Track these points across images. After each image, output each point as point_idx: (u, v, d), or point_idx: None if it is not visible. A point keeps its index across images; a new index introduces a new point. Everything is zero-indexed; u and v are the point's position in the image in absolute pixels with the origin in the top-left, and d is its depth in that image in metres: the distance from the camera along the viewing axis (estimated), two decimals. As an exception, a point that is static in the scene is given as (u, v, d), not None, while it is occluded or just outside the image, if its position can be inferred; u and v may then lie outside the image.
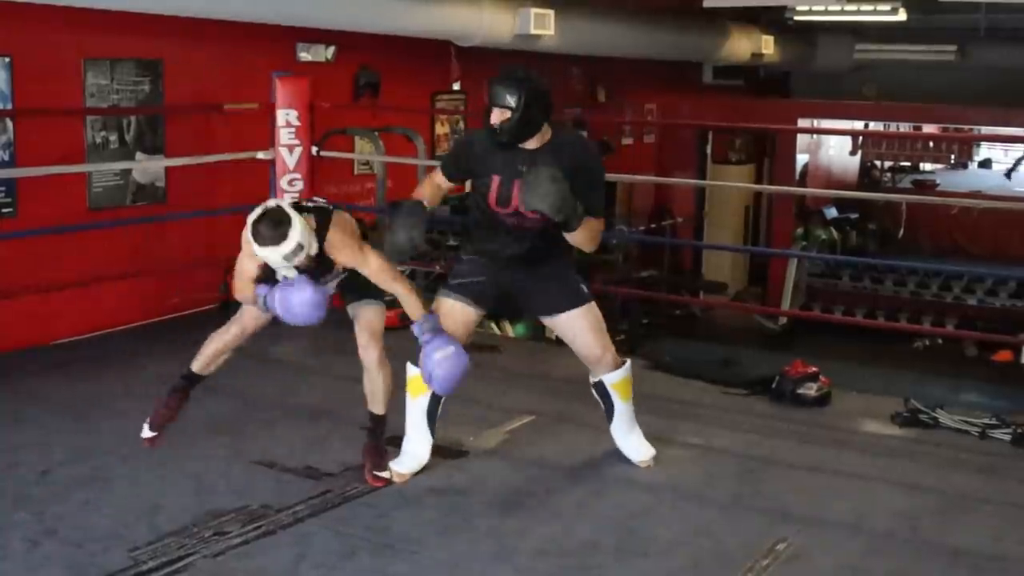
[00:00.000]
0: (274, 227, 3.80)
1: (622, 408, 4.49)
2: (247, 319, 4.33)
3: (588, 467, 4.51)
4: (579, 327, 4.30)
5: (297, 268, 3.92)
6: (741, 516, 4.07)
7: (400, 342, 5.33)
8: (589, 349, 4.35)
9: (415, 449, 4.35)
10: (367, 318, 4.23)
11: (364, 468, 4.29)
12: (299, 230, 3.81)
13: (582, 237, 4.04)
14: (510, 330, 9.01)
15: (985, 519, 4.13)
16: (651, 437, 4.86)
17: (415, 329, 4.03)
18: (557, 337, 4.87)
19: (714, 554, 3.74)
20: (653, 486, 4.32)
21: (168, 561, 3.53)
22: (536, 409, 5.21)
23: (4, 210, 6.07)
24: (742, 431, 5.05)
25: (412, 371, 4.25)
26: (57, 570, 3.48)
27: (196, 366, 4.43)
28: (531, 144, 4.03)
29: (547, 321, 4.41)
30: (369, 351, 4.20)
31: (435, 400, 4.30)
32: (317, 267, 4.01)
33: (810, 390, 5.43)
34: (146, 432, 4.42)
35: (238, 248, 4.08)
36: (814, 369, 5.55)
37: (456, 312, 4.21)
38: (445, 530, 3.86)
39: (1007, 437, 4.93)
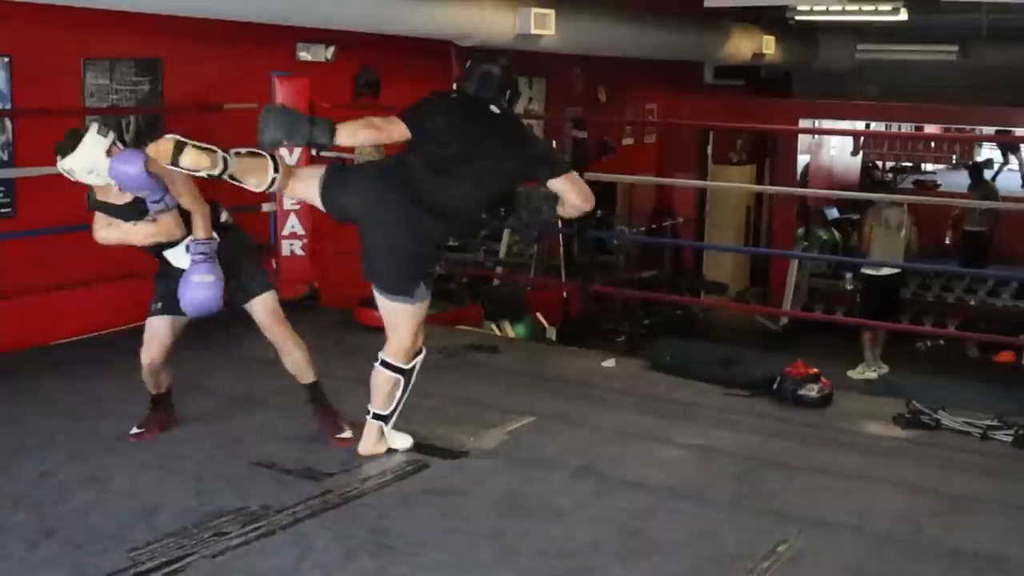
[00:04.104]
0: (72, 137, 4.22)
1: None
2: (155, 345, 4.55)
3: (588, 467, 4.50)
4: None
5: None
6: (742, 517, 4.06)
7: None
8: None
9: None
10: (262, 304, 4.50)
11: (324, 433, 4.60)
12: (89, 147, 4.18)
13: None
14: (510, 330, 9.01)
15: (987, 520, 4.12)
16: (651, 437, 4.86)
17: (190, 245, 4.27)
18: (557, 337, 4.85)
19: (715, 555, 3.73)
20: (654, 487, 4.30)
21: (167, 562, 3.51)
22: (536, 409, 5.20)
23: (3, 210, 6.07)
24: (743, 432, 5.04)
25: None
26: (56, 571, 3.47)
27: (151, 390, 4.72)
28: None
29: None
30: (275, 331, 4.52)
31: None
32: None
33: (811, 391, 5.42)
34: (134, 429, 4.69)
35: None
36: (815, 370, 5.54)
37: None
38: (445, 531, 3.85)
39: (1008, 438, 4.92)
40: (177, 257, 4.39)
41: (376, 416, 4.46)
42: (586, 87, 11.39)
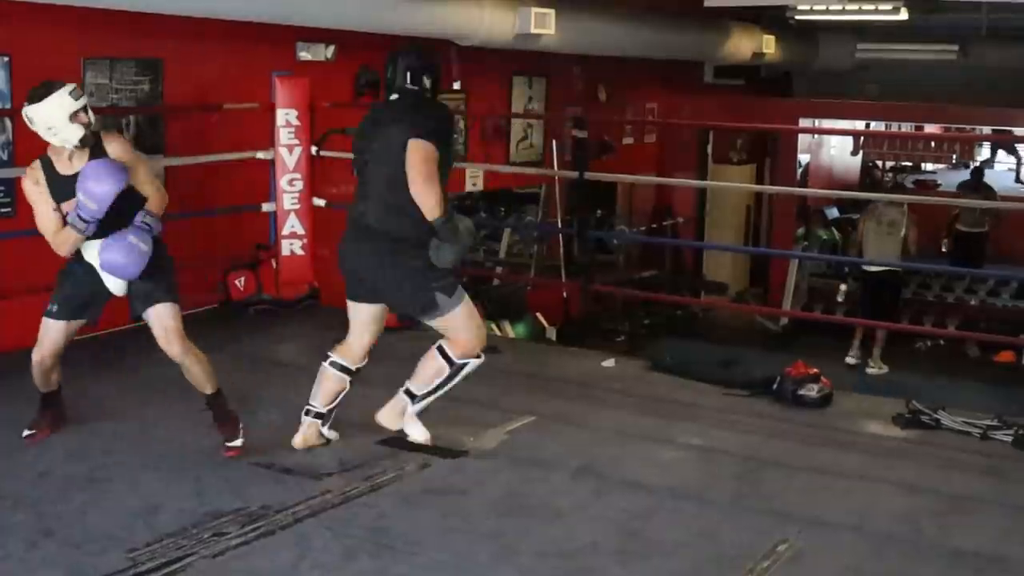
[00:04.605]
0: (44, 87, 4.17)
1: None
2: (46, 345, 4.51)
3: (588, 468, 4.50)
4: None
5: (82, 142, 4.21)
6: (742, 517, 4.06)
7: (402, 342, 5.33)
8: None
9: None
10: (158, 316, 4.35)
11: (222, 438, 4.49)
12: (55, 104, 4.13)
13: None
14: (510, 330, 9.02)
15: (986, 520, 4.12)
16: (651, 437, 4.86)
17: (138, 215, 4.26)
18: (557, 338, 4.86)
19: (715, 555, 3.73)
20: (654, 487, 4.30)
21: (167, 562, 3.51)
22: (536, 409, 5.20)
23: (3, 210, 6.06)
24: (743, 432, 5.04)
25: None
26: (55, 571, 3.46)
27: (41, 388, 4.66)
28: None
29: None
30: (172, 347, 4.36)
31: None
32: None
33: (811, 391, 5.43)
34: (25, 431, 4.63)
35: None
36: (815, 370, 5.54)
37: None
38: (445, 531, 3.85)
39: (1008, 438, 4.92)
40: (91, 254, 4.35)
41: (408, 392, 4.49)
42: (586, 87, 11.38)
